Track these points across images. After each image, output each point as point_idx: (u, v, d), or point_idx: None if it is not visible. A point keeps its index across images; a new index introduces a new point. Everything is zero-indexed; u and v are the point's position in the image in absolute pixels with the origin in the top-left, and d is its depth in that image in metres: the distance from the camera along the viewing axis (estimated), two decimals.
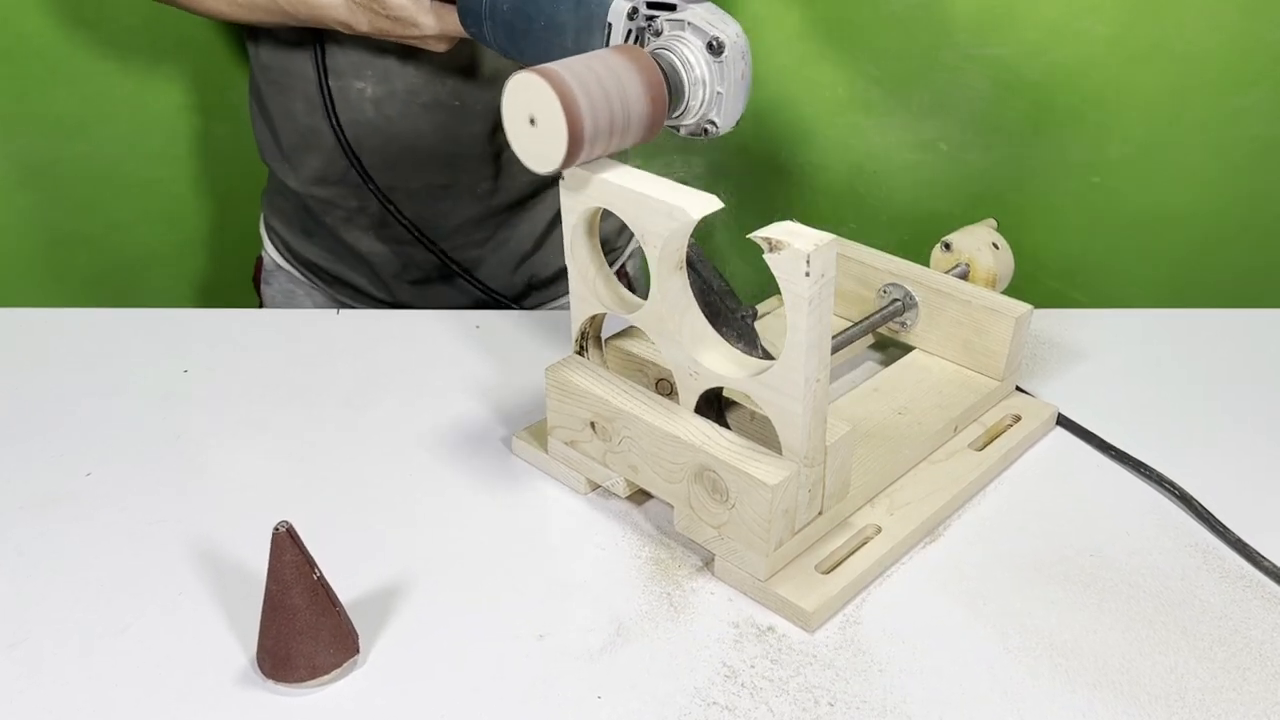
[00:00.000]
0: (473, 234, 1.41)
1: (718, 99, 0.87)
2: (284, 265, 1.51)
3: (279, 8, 1.23)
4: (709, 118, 0.89)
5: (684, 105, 0.88)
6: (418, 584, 0.89)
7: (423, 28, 1.15)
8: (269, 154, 1.42)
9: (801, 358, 0.79)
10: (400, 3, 1.14)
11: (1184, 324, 1.27)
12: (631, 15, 0.90)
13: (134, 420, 1.09)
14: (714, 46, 0.86)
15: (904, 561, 0.92)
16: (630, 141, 0.85)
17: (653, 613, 0.86)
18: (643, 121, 0.85)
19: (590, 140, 0.82)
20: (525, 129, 0.83)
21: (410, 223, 1.35)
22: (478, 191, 1.38)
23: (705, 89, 0.87)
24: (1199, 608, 0.88)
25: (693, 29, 0.87)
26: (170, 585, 0.89)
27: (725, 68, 0.86)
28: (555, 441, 0.99)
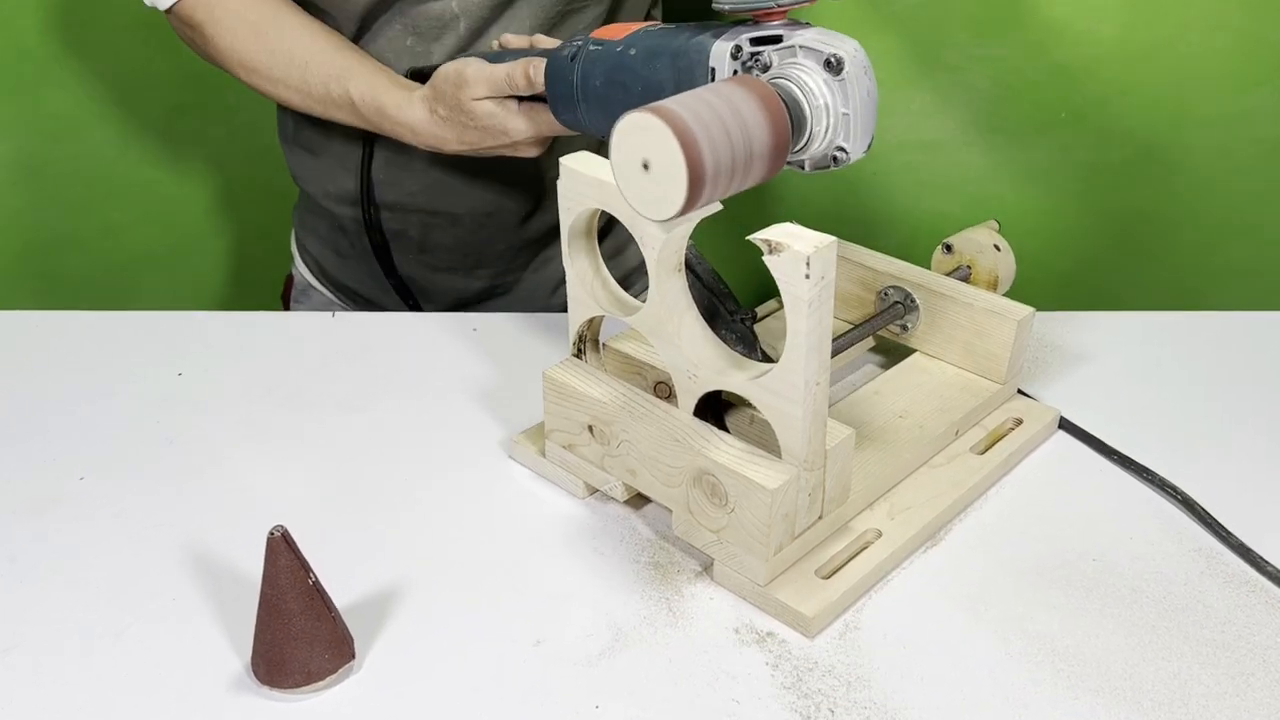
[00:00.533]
0: (516, 258, 1.40)
1: (844, 122, 0.82)
2: (317, 286, 1.51)
3: (360, 115, 1.20)
4: (836, 144, 0.83)
5: (808, 134, 0.83)
6: (414, 589, 0.89)
7: (512, 133, 1.11)
8: (298, 173, 1.41)
9: (801, 361, 0.79)
10: (488, 109, 1.10)
11: (1188, 326, 1.27)
12: (735, 54, 0.85)
13: (128, 424, 1.09)
14: (832, 64, 0.81)
15: (905, 566, 0.92)
16: (753, 179, 0.78)
17: (651, 618, 0.87)
18: (766, 155, 0.77)
19: (712, 181, 0.74)
20: (637, 175, 0.75)
21: (448, 248, 1.35)
22: (522, 215, 1.37)
23: (829, 114, 0.82)
24: (1202, 613, 0.88)
25: (805, 52, 0.82)
26: (165, 590, 0.89)
27: (848, 86, 0.81)
28: (553, 445, 0.99)
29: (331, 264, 1.47)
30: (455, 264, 1.39)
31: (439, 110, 1.13)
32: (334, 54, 1.20)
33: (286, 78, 1.21)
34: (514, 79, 1.07)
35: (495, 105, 1.10)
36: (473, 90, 1.09)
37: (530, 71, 1.05)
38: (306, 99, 1.22)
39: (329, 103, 1.21)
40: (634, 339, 0.99)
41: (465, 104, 1.10)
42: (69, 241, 1.91)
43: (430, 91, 1.14)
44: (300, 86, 1.21)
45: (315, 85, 1.20)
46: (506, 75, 1.07)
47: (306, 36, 1.21)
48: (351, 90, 1.18)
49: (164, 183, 1.87)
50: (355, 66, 1.19)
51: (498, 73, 1.08)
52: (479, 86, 1.09)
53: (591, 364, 0.98)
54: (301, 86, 1.21)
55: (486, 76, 1.08)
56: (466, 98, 1.10)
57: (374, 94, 1.18)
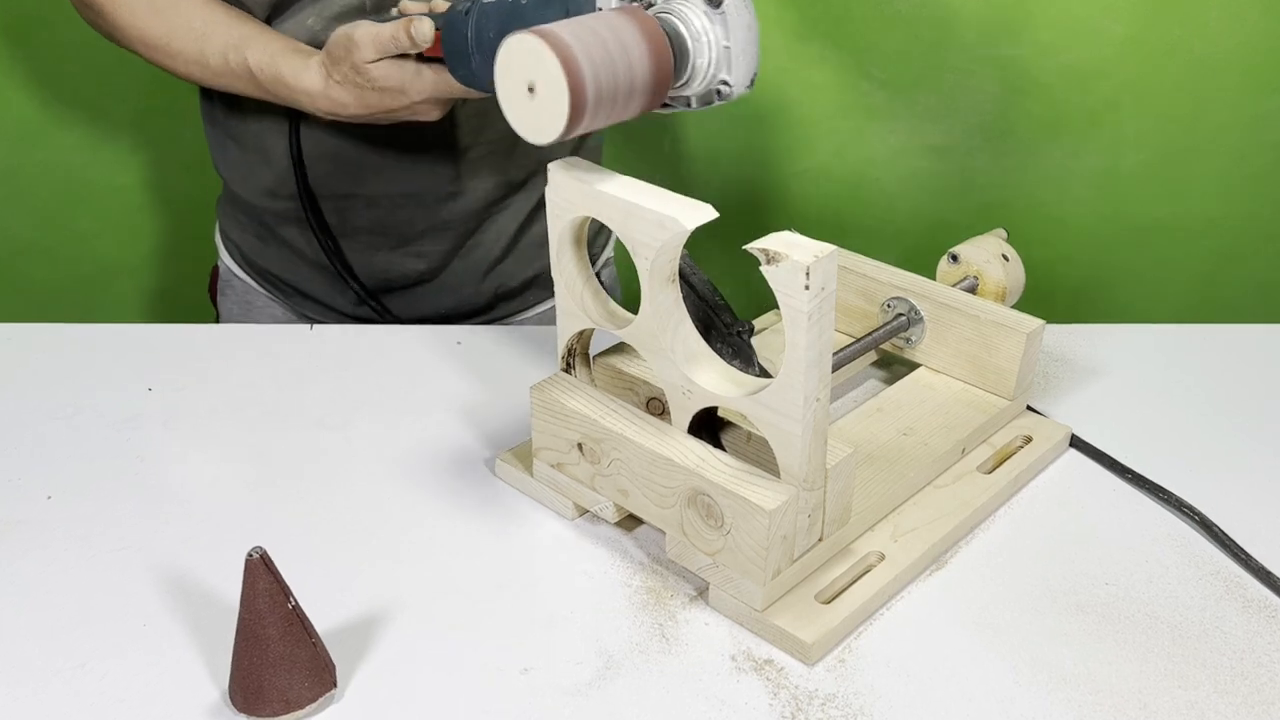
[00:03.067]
0: (438, 241, 1.41)
1: (725, 55, 0.86)
2: (241, 275, 1.51)
3: (259, 84, 1.23)
4: (720, 78, 0.87)
5: (690, 67, 0.86)
6: (397, 614, 0.89)
7: (411, 93, 1.13)
8: (220, 164, 1.43)
9: (801, 376, 0.79)
10: (383, 69, 1.13)
11: (1204, 340, 1.28)
12: None
13: (97, 441, 1.09)
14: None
15: (909, 591, 0.93)
16: (633, 110, 0.84)
17: (644, 645, 0.87)
18: (648, 86, 0.83)
19: (594, 106, 0.80)
20: (522, 98, 0.81)
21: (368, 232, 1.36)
22: (441, 194, 1.38)
23: (711, 47, 0.85)
24: (1220, 639, 0.88)
25: None
26: (135, 616, 0.89)
27: (728, 19, 0.85)
28: (541, 464, 1.00)
29: (254, 251, 1.48)
30: (378, 245, 1.40)
31: (334, 75, 1.16)
32: (231, 24, 1.23)
33: (185, 50, 1.24)
34: (398, 37, 1.09)
35: (390, 65, 1.13)
36: (363, 53, 1.12)
37: (412, 29, 1.08)
38: (206, 71, 1.25)
39: (228, 74, 1.24)
40: (626, 353, 0.99)
41: (360, 67, 1.13)
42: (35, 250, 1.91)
43: (325, 57, 1.17)
44: (198, 59, 1.24)
45: (213, 57, 1.23)
46: (391, 35, 1.10)
47: (204, 8, 1.24)
48: (249, 58, 1.21)
49: (134, 189, 1.87)
50: (253, 35, 1.22)
51: (383, 32, 1.11)
52: (368, 49, 1.12)
53: (581, 379, 0.98)
54: (199, 59, 1.24)
55: (373, 36, 1.11)
56: (359, 60, 1.13)
57: (272, 62, 1.20)
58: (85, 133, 1.82)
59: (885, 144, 1.86)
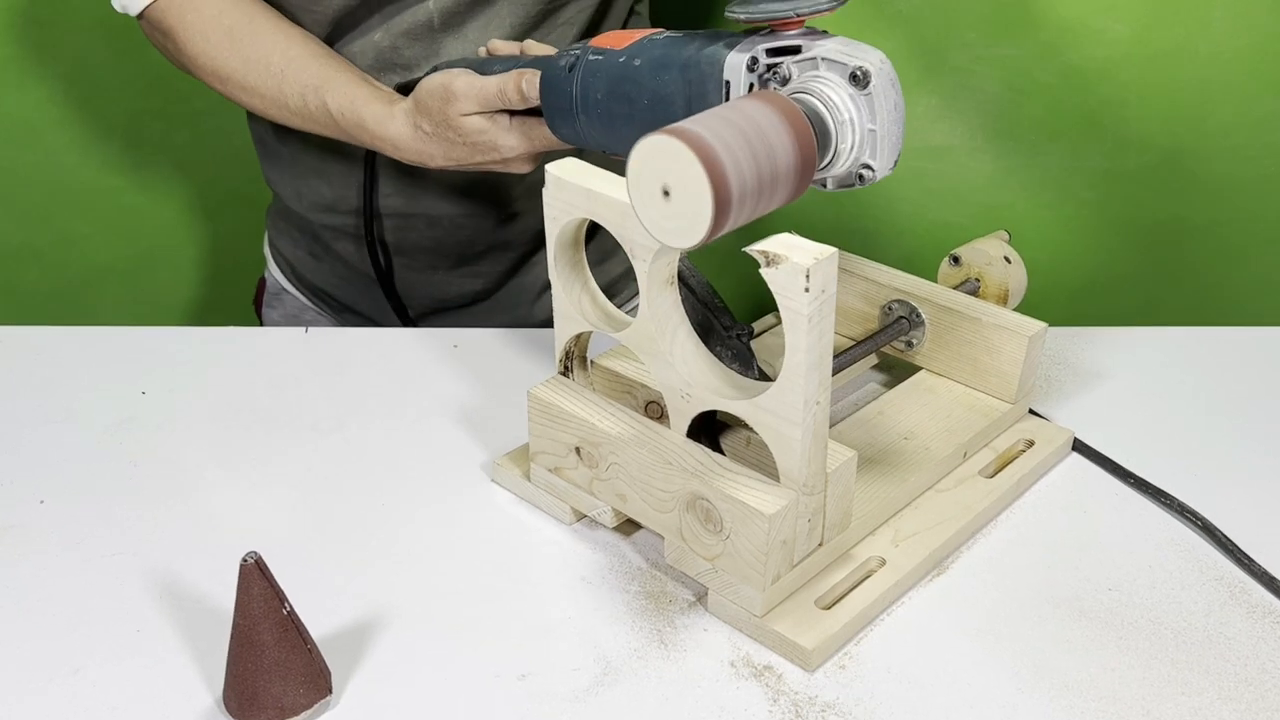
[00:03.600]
0: (497, 261, 1.41)
1: (870, 139, 0.81)
2: (290, 289, 1.51)
3: (340, 128, 1.19)
4: (863, 161, 0.82)
5: (832, 151, 0.81)
6: (393, 620, 0.89)
7: (504, 150, 1.10)
8: (273, 177, 1.41)
9: (801, 379, 0.80)
10: (477, 125, 1.08)
11: (1209, 343, 1.28)
12: (751, 67, 0.85)
13: (90, 445, 1.09)
14: (858, 78, 0.80)
15: (910, 596, 0.93)
16: (778, 202, 0.76)
17: (642, 651, 0.87)
18: (791, 177, 0.76)
19: (738, 206, 0.73)
20: (657, 201, 0.73)
21: (423, 252, 1.36)
22: (502, 215, 1.36)
23: (855, 130, 0.81)
24: (1224, 645, 0.88)
25: (828, 64, 0.81)
26: (129, 621, 0.89)
27: (875, 101, 0.80)
28: (538, 468, 1.00)
29: (305, 266, 1.47)
30: (435, 264, 1.39)
31: (424, 125, 1.12)
32: (311, 62, 1.19)
33: (261, 87, 1.20)
34: (506, 93, 1.05)
35: (485, 120, 1.08)
36: (461, 106, 1.08)
37: (524, 85, 1.03)
38: (283, 110, 1.21)
39: (306, 115, 1.20)
40: (624, 356, 0.99)
41: (452, 119, 1.09)
42: (26, 253, 1.91)
43: (413, 104, 1.13)
44: (276, 97, 1.20)
45: (292, 96, 1.19)
46: (499, 89, 1.06)
47: (283, 43, 1.19)
48: (329, 102, 1.17)
49: (127, 191, 1.87)
50: (333, 76, 1.18)
51: (489, 86, 1.06)
52: (468, 101, 1.07)
53: (579, 382, 0.98)
54: (277, 98, 1.20)
55: (477, 91, 1.07)
56: (454, 113, 1.08)
57: (353, 107, 1.16)
58: (77, 134, 1.81)
59: None
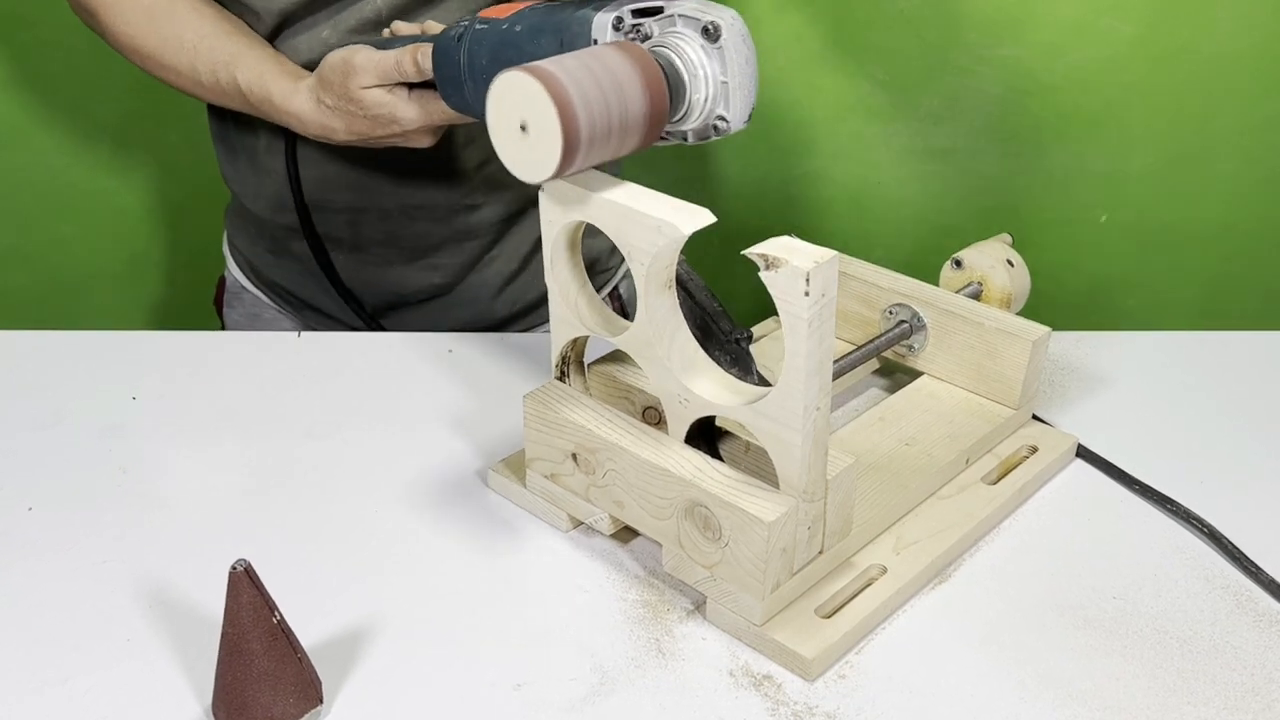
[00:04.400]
0: (455, 253, 1.41)
1: (723, 90, 0.86)
2: (250, 288, 1.51)
3: (249, 103, 1.23)
4: (717, 113, 0.87)
5: (686, 103, 0.87)
6: (386, 628, 0.89)
7: (403, 122, 1.13)
8: (229, 175, 1.43)
9: (800, 384, 0.80)
10: (377, 97, 1.12)
11: (1214, 347, 1.28)
12: (617, 26, 0.90)
13: (78, 451, 1.09)
14: (709, 32, 0.85)
15: (911, 604, 0.93)
16: (628, 147, 0.84)
17: (639, 660, 0.87)
18: (643, 121, 0.84)
19: (587, 145, 0.80)
20: (514, 135, 0.81)
21: (379, 245, 1.36)
22: (457, 205, 1.37)
23: (708, 82, 0.86)
24: (1231, 655, 0.88)
25: (684, 20, 0.86)
26: (118, 630, 0.89)
27: (726, 54, 0.85)
28: (534, 475, 1.00)
29: (264, 263, 1.48)
30: (391, 259, 1.40)
31: (326, 99, 1.16)
32: (223, 39, 1.23)
33: (177, 64, 1.25)
34: (403, 65, 1.09)
35: (384, 93, 1.12)
36: (360, 79, 1.11)
37: (419, 57, 1.07)
38: (198, 87, 1.26)
39: (219, 91, 1.24)
40: (621, 361, 0.99)
41: (353, 92, 1.13)
42: (13, 256, 1.91)
43: (317, 80, 1.17)
44: (190, 74, 1.24)
45: (204, 73, 1.23)
46: (395, 62, 1.09)
47: (195, 20, 1.24)
48: (239, 77, 1.21)
49: (116, 193, 1.87)
50: (244, 53, 1.22)
51: (386, 60, 1.10)
52: (367, 75, 1.11)
53: (575, 387, 0.98)
54: (191, 74, 1.24)
55: (375, 64, 1.11)
56: (354, 86, 1.12)
57: (261, 82, 1.20)
58: (66, 135, 1.82)
59: (887, 147, 1.86)
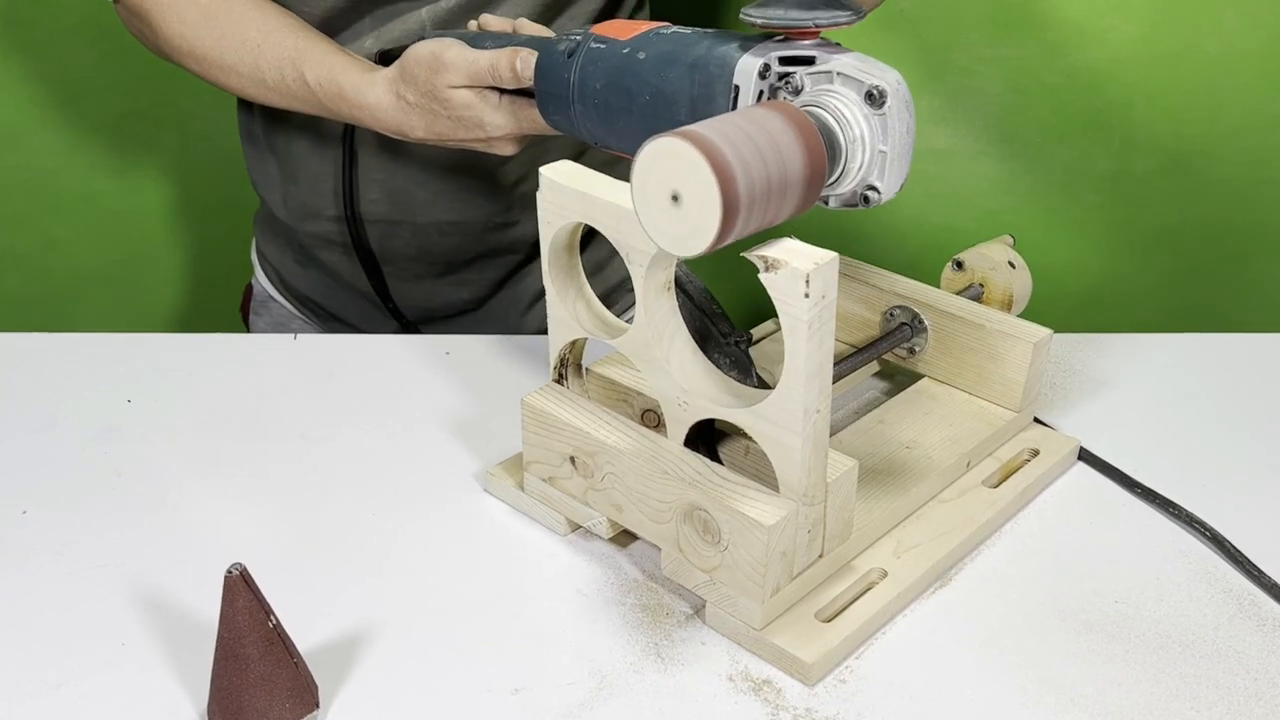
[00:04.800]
0: (486, 270, 1.41)
1: (879, 159, 0.80)
2: (278, 298, 1.51)
3: (318, 101, 1.18)
4: (869, 182, 0.81)
5: (841, 168, 0.80)
6: (383, 633, 0.89)
7: (489, 128, 1.09)
8: (259, 182, 1.42)
9: (800, 387, 0.80)
10: (465, 99, 1.08)
11: (1218, 350, 1.28)
12: (764, 74, 0.84)
13: (73, 455, 1.09)
14: (874, 97, 0.78)
15: (912, 609, 0.93)
16: (784, 215, 0.76)
17: (638, 664, 0.87)
18: (799, 189, 0.76)
19: (745, 216, 0.72)
20: (664, 207, 0.73)
21: (410, 260, 1.36)
22: (492, 223, 1.37)
23: (865, 149, 0.79)
24: (1234, 659, 0.88)
25: (844, 79, 0.79)
26: (113, 634, 0.89)
27: (888, 121, 0.78)
28: (532, 478, 1.00)
29: (292, 274, 1.47)
30: (422, 273, 1.39)
31: (407, 95, 1.11)
32: (288, 35, 1.19)
33: (238, 64, 1.20)
34: (499, 69, 1.04)
35: (474, 95, 1.08)
36: (450, 77, 1.07)
37: (519, 64, 1.02)
38: (260, 87, 1.21)
39: (284, 90, 1.20)
40: (620, 363, 1.00)
41: (440, 91, 1.08)
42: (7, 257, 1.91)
43: (398, 73, 1.12)
44: (253, 74, 1.20)
45: (269, 71, 1.19)
46: (491, 65, 1.05)
47: (258, 18, 1.20)
48: (307, 74, 1.17)
49: (112, 194, 1.87)
50: (310, 48, 1.18)
51: (481, 61, 1.05)
52: (458, 74, 1.07)
53: (574, 390, 0.99)
54: (254, 73, 1.20)
55: (469, 64, 1.06)
56: (442, 84, 1.08)
57: (331, 76, 1.16)
58: (60, 136, 1.82)
59: None
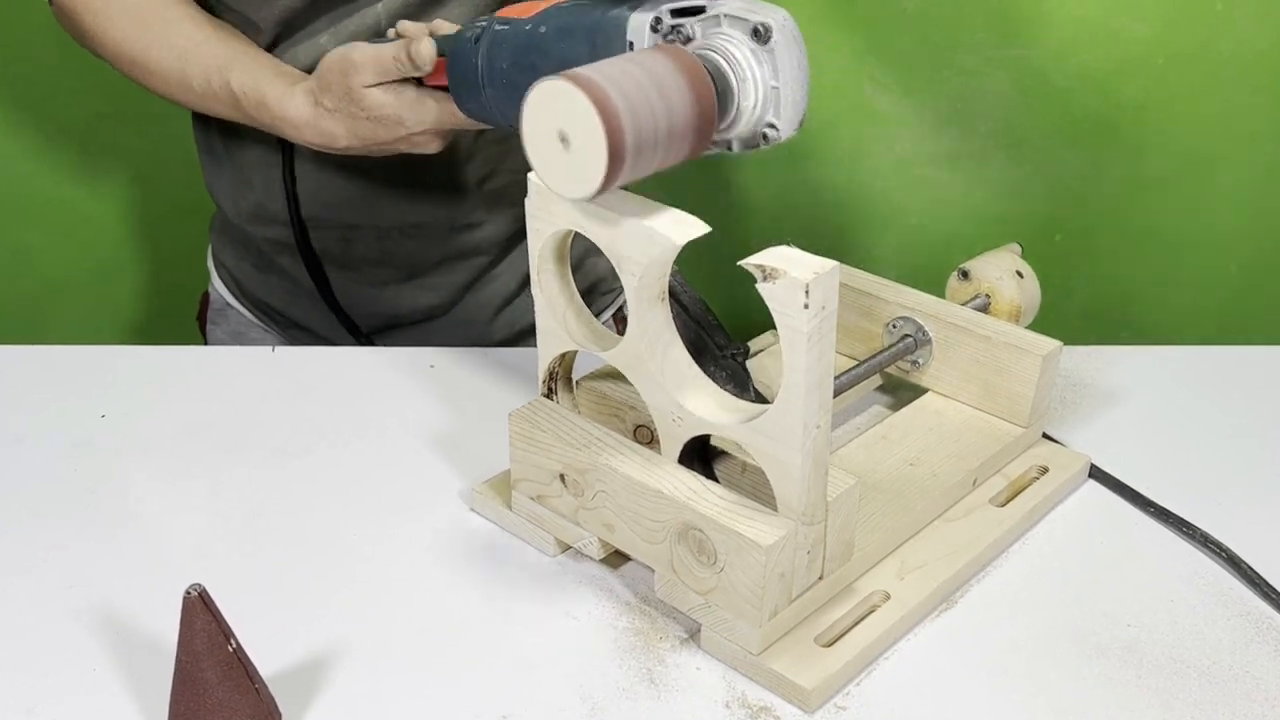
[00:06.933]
0: (451, 273, 1.41)
1: (773, 96, 0.84)
2: (235, 305, 1.51)
3: (242, 110, 1.21)
4: (766, 120, 0.85)
5: (735, 110, 0.84)
6: (360, 659, 0.89)
7: (410, 123, 1.11)
8: (214, 186, 1.42)
9: (800, 401, 0.80)
10: (379, 98, 1.10)
11: (1233, 363, 1.28)
12: (655, 27, 0.87)
13: (43, 471, 1.09)
14: (759, 33, 0.82)
15: (916, 633, 0.93)
16: (677, 157, 0.81)
17: (631, 690, 0.87)
18: (690, 131, 0.80)
19: (633, 157, 0.77)
20: (553, 149, 0.78)
21: (368, 264, 1.37)
22: (457, 225, 1.37)
23: (758, 88, 0.83)
24: (1251, 685, 0.88)
25: (730, 20, 0.84)
26: (85, 657, 0.88)
27: (777, 57, 0.82)
28: (520, 496, 1.00)
29: (250, 280, 1.47)
30: (386, 278, 1.40)
31: (325, 102, 1.14)
32: (216, 44, 1.21)
33: (166, 71, 1.23)
34: (400, 59, 1.08)
35: (388, 94, 1.11)
36: (362, 76, 1.10)
37: (412, 50, 1.06)
38: (189, 94, 1.24)
39: (210, 97, 1.22)
40: (612, 377, 1.00)
41: (355, 92, 1.11)
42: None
43: (315, 82, 1.15)
44: (180, 80, 1.23)
45: (196, 78, 1.22)
46: (393, 56, 1.08)
47: (188, 26, 1.22)
48: (232, 82, 1.19)
49: (82, 200, 1.87)
50: (238, 56, 1.20)
51: (384, 54, 1.09)
52: (366, 71, 1.10)
53: (564, 405, 0.99)
54: (182, 80, 1.22)
55: (373, 58, 1.09)
56: (356, 85, 1.10)
57: (256, 85, 1.18)
58: (31, 140, 1.82)
59: (890, 152, 1.87)
